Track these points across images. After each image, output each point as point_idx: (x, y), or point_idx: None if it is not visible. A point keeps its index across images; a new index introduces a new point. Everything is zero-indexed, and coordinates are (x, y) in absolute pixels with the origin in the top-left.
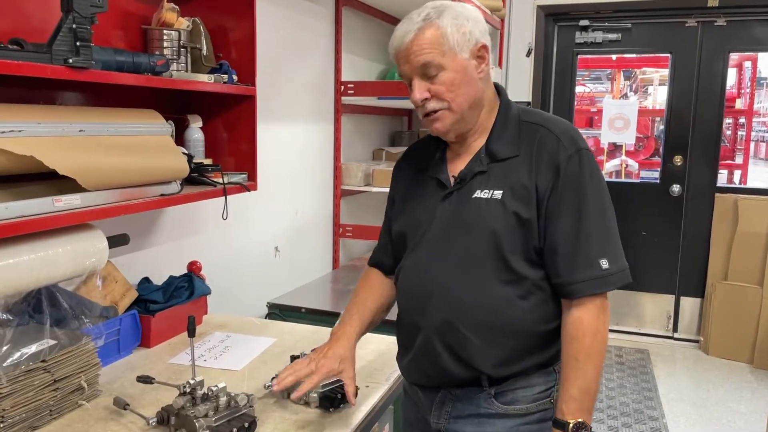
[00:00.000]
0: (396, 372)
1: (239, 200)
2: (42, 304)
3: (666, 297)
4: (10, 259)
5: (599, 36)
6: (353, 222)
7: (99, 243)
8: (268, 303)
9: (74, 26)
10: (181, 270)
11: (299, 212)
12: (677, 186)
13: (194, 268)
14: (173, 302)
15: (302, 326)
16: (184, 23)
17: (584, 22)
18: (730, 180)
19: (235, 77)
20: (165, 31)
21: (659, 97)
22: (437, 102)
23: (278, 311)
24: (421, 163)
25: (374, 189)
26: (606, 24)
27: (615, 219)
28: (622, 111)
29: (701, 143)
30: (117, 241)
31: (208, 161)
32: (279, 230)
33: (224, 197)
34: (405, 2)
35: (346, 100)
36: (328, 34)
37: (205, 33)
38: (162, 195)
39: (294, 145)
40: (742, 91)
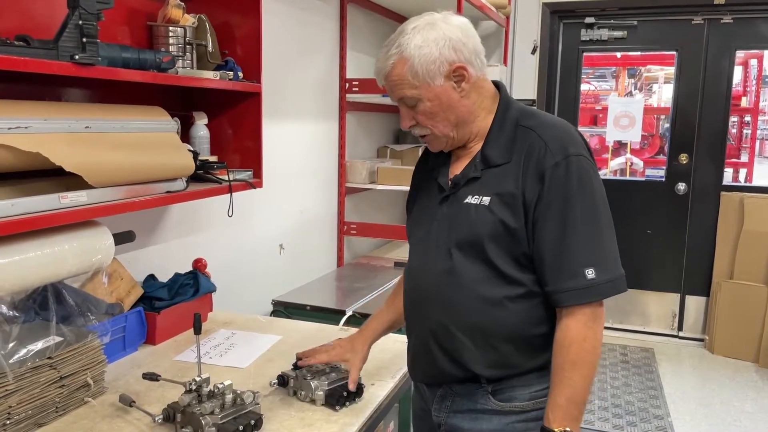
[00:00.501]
0: (402, 370)
1: (244, 198)
2: (48, 301)
3: (671, 296)
4: (17, 256)
5: (605, 33)
6: (358, 220)
7: (105, 240)
8: (273, 300)
9: (80, 22)
10: (187, 267)
11: (304, 210)
12: (683, 184)
13: (199, 266)
14: (178, 299)
15: (307, 324)
16: (190, 20)
17: (590, 20)
18: (736, 178)
19: (241, 74)
20: (171, 28)
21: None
22: (421, 129)
23: (283, 309)
24: (432, 163)
25: (379, 187)
26: (612, 21)
27: (610, 225)
28: (628, 109)
29: (707, 141)
30: (123, 238)
31: (214, 158)
32: (284, 228)
33: (230, 194)
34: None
35: (351, 98)
36: (333, 32)
37: (211, 30)
38: (168, 192)
39: (299, 143)
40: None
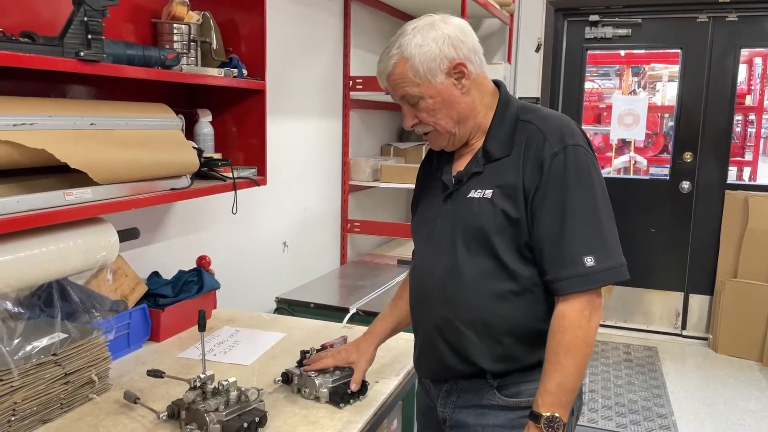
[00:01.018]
0: (405, 368)
1: (248, 195)
2: (53, 298)
3: (675, 294)
4: (22, 253)
5: (609, 31)
6: (361, 218)
7: (110, 237)
8: (277, 298)
9: (86, 19)
10: (191, 264)
11: (307, 208)
12: (687, 183)
13: (203, 263)
14: (182, 297)
15: (311, 321)
16: (194, 17)
17: (594, 18)
18: (740, 177)
19: (245, 71)
20: (175, 25)
21: (668, 94)
22: (424, 126)
23: (287, 306)
24: (436, 161)
25: (382, 185)
26: (616, 19)
27: (610, 215)
28: (632, 107)
29: (711, 140)
30: (127, 235)
31: (218, 156)
32: (287, 225)
33: (234, 192)
34: None
35: (355, 96)
36: (337, 29)
37: (215, 27)
38: (172, 189)
39: (302, 140)
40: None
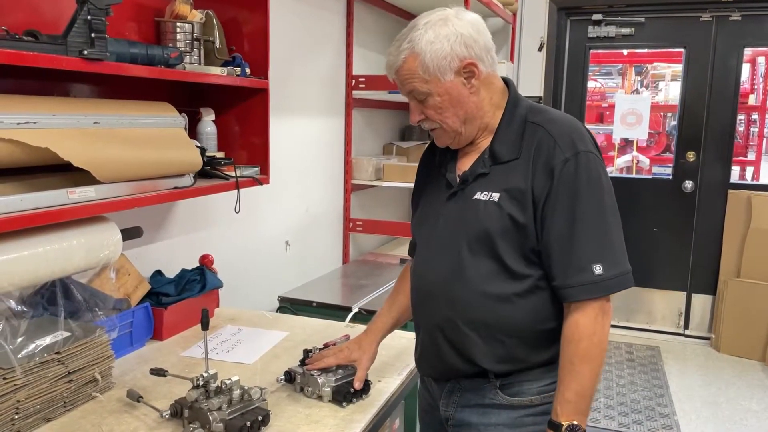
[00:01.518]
0: (408, 367)
1: (251, 194)
2: (56, 296)
3: (677, 294)
4: (25, 251)
5: (612, 30)
6: (363, 217)
7: (113, 235)
8: (279, 297)
9: (89, 18)
10: (194, 263)
11: (310, 207)
12: (690, 182)
13: (206, 262)
14: (185, 295)
15: (313, 320)
16: (198, 16)
17: (597, 17)
18: (743, 176)
19: (248, 70)
20: (178, 24)
21: (671, 93)
22: (430, 123)
23: (289, 305)
24: (439, 158)
25: (385, 184)
26: (619, 18)
27: (618, 222)
28: (635, 106)
29: (714, 139)
30: (130, 234)
31: (221, 154)
32: (290, 224)
33: (237, 191)
34: None
35: (357, 94)
36: (340, 28)
37: (218, 26)
38: (175, 188)
39: (305, 139)
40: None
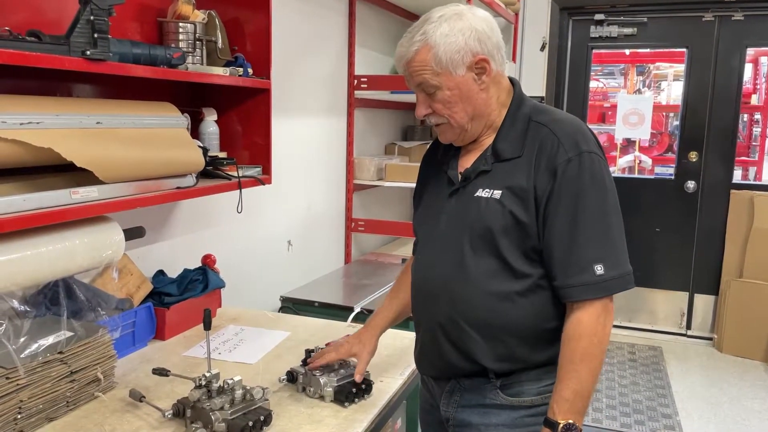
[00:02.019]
0: (410, 367)
1: (253, 194)
2: (59, 296)
3: (680, 294)
4: (28, 251)
5: (614, 30)
6: (365, 217)
7: (115, 235)
8: (281, 297)
9: (92, 18)
10: (196, 263)
11: (312, 206)
12: (692, 182)
13: (208, 262)
14: (188, 295)
15: (315, 320)
16: (200, 16)
17: (599, 16)
18: (745, 176)
19: (250, 70)
20: (181, 24)
21: (673, 93)
22: (437, 117)
23: (291, 305)
24: (441, 156)
25: (387, 184)
26: (621, 18)
27: (620, 222)
28: (637, 106)
29: (717, 139)
30: (133, 234)
31: (223, 154)
32: (292, 224)
33: (239, 191)
34: None
35: (359, 94)
36: (342, 28)
37: (221, 26)
38: (178, 188)
39: (307, 139)
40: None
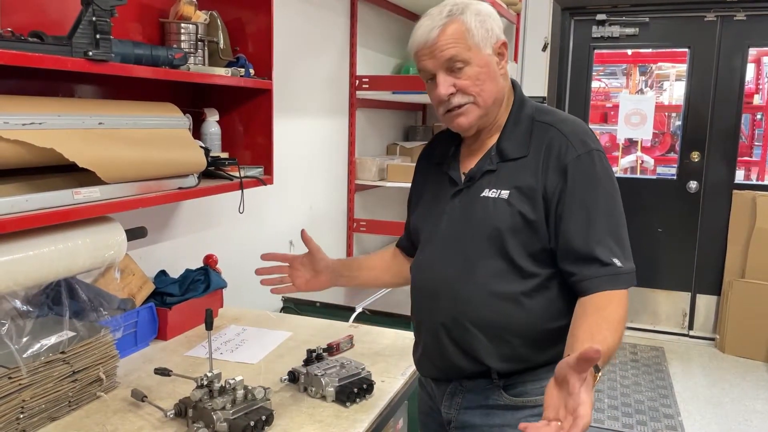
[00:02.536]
0: (411, 367)
1: (255, 194)
2: (61, 296)
3: (682, 294)
4: (31, 251)
5: (616, 30)
6: (367, 217)
7: (117, 235)
8: (283, 297)
9: (94, 19)
10: (198, 263)
11: (313, 207)
12: (694, 182)
13: (210, 262)
14: (189, 295)
15: (317, 320)
16: (202, 16)
17: (601, 17)
18: (748, 177)
19: (252, 71)
20: (182, 25)
21: (675, 93)
22: (463, 96)
23: (293, 305)
24: (439, 157)
25: (388, 184)
26: (623, 18)
27: (625, 221)
28: (639, 106)
29: (719, 139)
30: (135, 234)
31: (225, 155)
32: (293, 224)
33: (241, 191)
34: None
35: (361, 95)
36: (344, 29)
37: (222, 26)
38: (179, 188)
39: (309, 140)
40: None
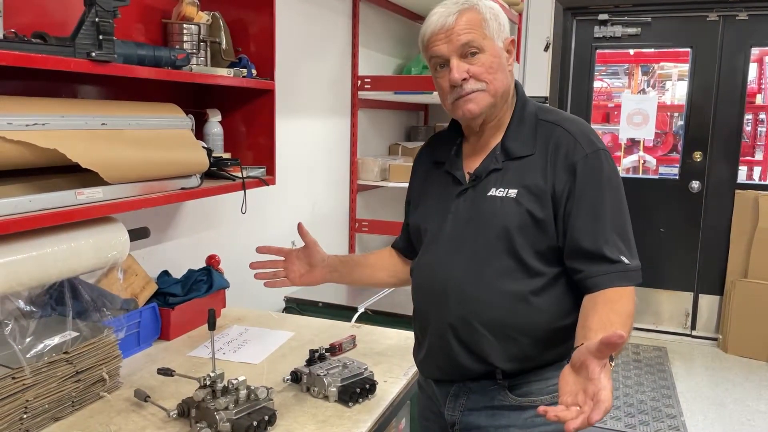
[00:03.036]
0: (414, 367)
1: (257, 194)
2: (64, 296)
3: (684, 294)
4: (34, 252)
5: (618, 30)
6: (369, 217)
7: (120, 236)
8: (286, 297)
9: (97, 20)
10: (200, 263)
11: (316, 207)
12: (697, 182)
13: (213, 262)
14: (192, 295)
15: (319, 320)
16: (204, 17)
17: (603, 16)
18: (750, 176)
19: (254, 71)
20: (185, 25)
21: (678, 93)
22: (475, 82)
23: (295, 305)
24: (438, 157)
25: (390, 184)
26: (625, 18)
27: (630, 219)
28: (641, 106)
29: (721, 139)
30: (138, 234)
31: (227, 155)
32: (295, 224)
33: (243, 191)
34: None
35: (363, 95)
36: (346, 29)
37: (225, 27)
38: (182, 189)
39: (311, 140)
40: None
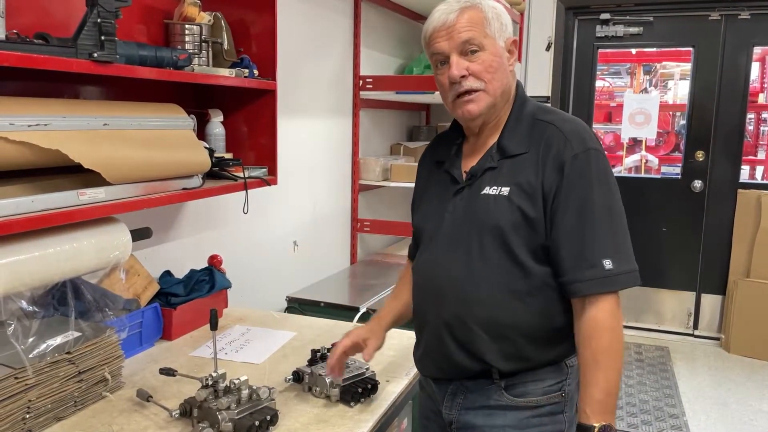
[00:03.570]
0: (415, 368)
1: (259, 194)
2: (67, 297)
3: (686, 294)
4: (36, 252)
5: (620, 30)
6: (371, 217)
7: (122, 236)
8: (287, 297)
9: (99, 20)
10: (202, 263)
11: (317, 207)
12: (699, 182)
13: (215, 262)
14: (194, 295)
15: (321, 320)
16: (206, 18)
17: (605, 16)
18: (753, 176)
19: (256, 72)
20: (187, 26)
21: (680, 92)
22: (475, 81)
23: (297, 305)
24: (440, 156)
25: (392, 184)
26: (627, 17)
27: (624, 220)
28: (643, 106)
29: (724, 138)
30: (140, 235)
31: (229, 155)
32: (297, 224)
33: (245, 191)
34: None
35: (365, 95)
36: (347, 29)
37: (226, 27)
38: (184, 189)
39: (312, 140)
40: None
